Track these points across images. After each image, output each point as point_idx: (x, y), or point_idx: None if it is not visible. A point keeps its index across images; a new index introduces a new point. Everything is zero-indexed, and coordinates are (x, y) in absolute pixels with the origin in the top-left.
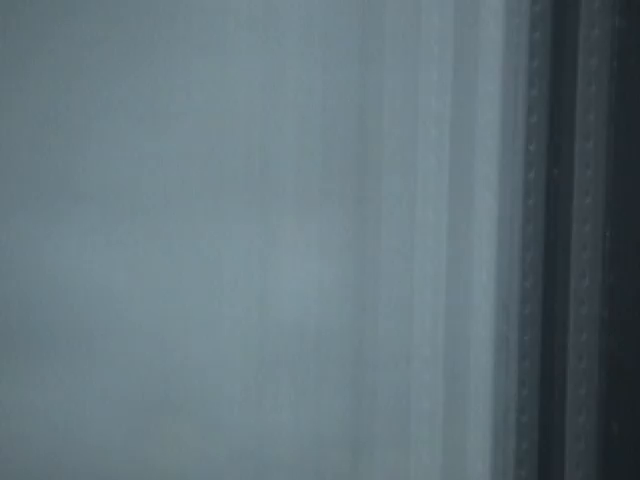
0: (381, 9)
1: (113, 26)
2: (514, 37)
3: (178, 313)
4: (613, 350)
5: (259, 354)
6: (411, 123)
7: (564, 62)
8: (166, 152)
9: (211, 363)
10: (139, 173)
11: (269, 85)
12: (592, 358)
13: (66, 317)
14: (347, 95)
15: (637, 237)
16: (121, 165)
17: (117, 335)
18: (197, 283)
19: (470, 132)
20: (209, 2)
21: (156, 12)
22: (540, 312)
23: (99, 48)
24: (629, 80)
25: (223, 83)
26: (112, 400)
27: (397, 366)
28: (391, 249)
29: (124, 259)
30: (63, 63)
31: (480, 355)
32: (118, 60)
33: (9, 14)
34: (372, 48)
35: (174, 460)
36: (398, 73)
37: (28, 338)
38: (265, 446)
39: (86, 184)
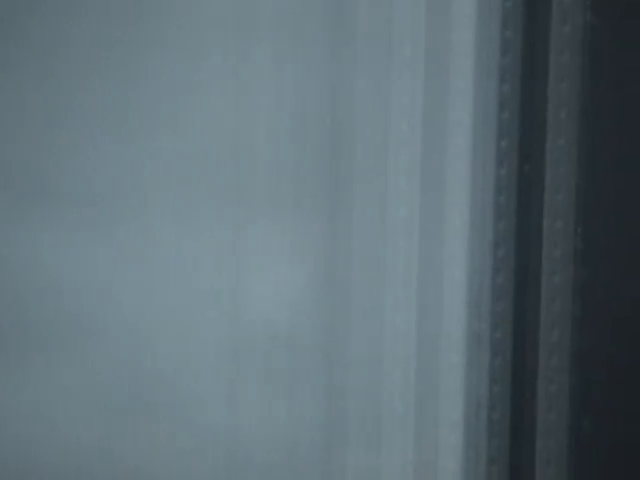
0: (353, 9)
1: (109, 27)
2: (485, 34)
3: (152, 314)
4: (584, 347)
5: (232, 355)
6: (382, 122)
7: (535, 58)
8: (141, 154)
9: (185, 364)
10: (118, 175)
11: (241, 87)
12: (563, 355)
13: (39, 317)
14: (319, 98)
15: (608, 233)
16: (99, 167)
17: (91, 335)
18: (171, 284)
19: (441, 129)
20: (187, 3)
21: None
22: (511, 309)
23: (95, 49)
24: (600, 76)
25: (194, 85)
26: (85, 399)
27: (368, 366)
28: (362, 249)
29: (97, 260)
30: (62, 63)
31: (452, 353)
32: (110, 62)
33: (16, 11)
34: (344, 49)
35: (148, 459)
36: (368, 72)
37: (4, 337)
38: (238, 446)
39: (65, 186)
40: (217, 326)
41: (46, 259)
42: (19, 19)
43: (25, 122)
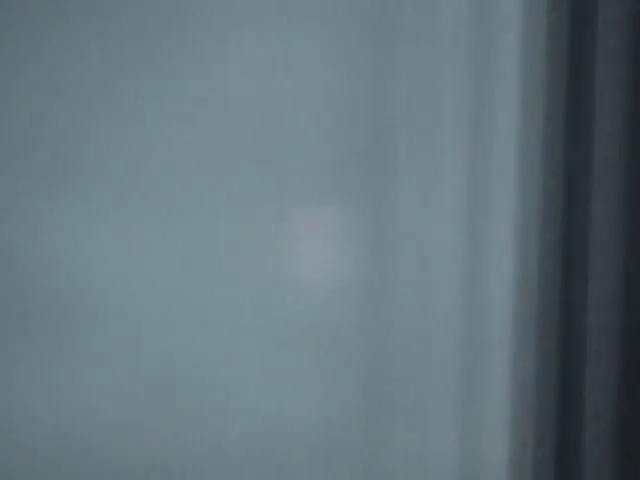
0: (397, 4)
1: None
2: (532, 42)
3: (191, 300)
4: (631, 331)
5: (273, 341)
6: (429, 113)
7: (582, 45)
8: (181, 137)
9: (226, 350)
10: (151, 157)
11: (286, 74)
12: (611, 338)
13: (76, 304)
14: (364, 85)
15: None
16: (133, 149)
17: (127, 321)
18: (209, 269)
19: (489, 112)
20: None
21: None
22: (558, 293)
23: (111, 33)
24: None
25: (239, 72)
26: (121, 386)
27: (415, 351)
28: (408, 236)
29: (136, 244)
30: (73, 50)
31: (498, 337)
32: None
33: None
34: (387, 41)
35: (185, 449)
36: (415, 60)
37: (36, 324)
38: (280, 432)
39: (95, 168)
40: (259, 312)
41: (83, 246)
42: (50, 11)
43: (56, 110)
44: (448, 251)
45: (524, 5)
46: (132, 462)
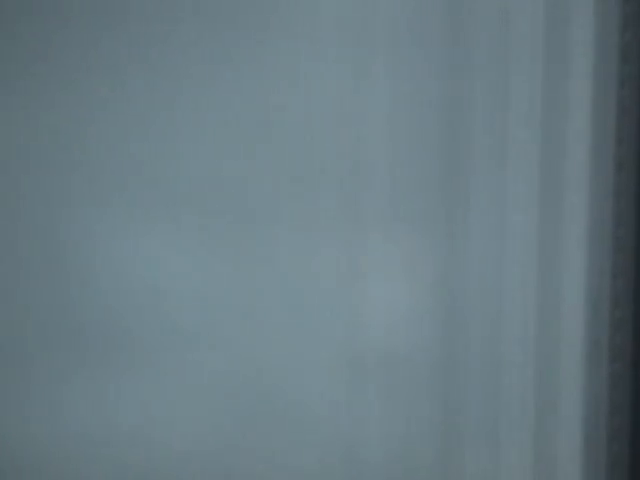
0: (468, 12)
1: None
2: (605, 39)
3: (263, 324)
4: None
5: (348, 369)
6: (500, 129)
7: None
8: (252, 154)
9: (300, 373)
10: (221, 173)
11: (354, 94)
12: None
13: (151, 322)
14: (435, 104)
15: None
16: (195, 163)
17: (198, 345)
18: (284, 295)
19: (560, 134)
20: None
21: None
22: (631, 314)
23: (136, 42)
24: None
25: (306, 93)
26: (199, 410)
27: (488, 373)
28: (479, 258)
29: (210, 266)
30: (99, 56)
31: (571, 358)
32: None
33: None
34: (460, 52)
35: (263, 471)
36: (487, 80)
37: (106, 341)
38: (356, 455)
39: (149, 184)
40: (332, 340)
41: (144, 261)
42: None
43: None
44: (520, 273)
45: (596, 26)
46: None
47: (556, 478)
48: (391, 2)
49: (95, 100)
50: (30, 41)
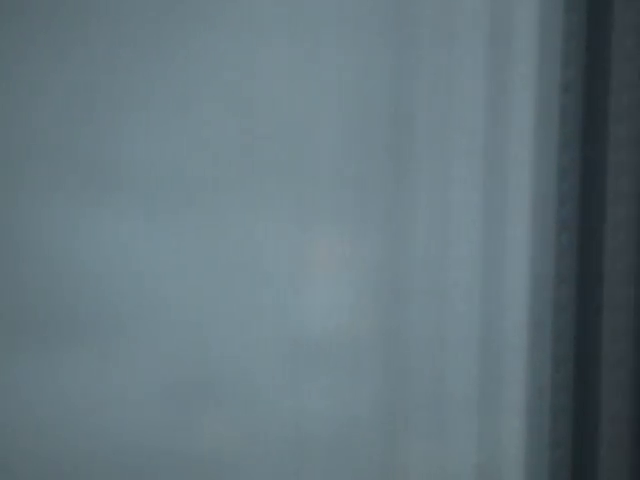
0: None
1: (144, 18)
2: (548, 19)
3: (214, 300)
4: None
5: (294, 343)
6: (445, 111)
7: (598, 45)
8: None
9: (248, 349)
10: (186, 164)
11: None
12: (627, 340)
13: (104, 302)
14: (380, 96)
15: None
16: (164, 155)
17: (152, 321)
18: (231, 273)
19: (504, 119)
20: None
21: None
22: (574, 295)
23: (133, 40)
24: None
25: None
26: (146, 384)
27: (432, 352)
28: (427, 232)
29: (163, 246)
30: (100, 56)
31: (515, 339)
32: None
33: (51, 11)
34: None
35: (209, 443)
36: (433, 82)
37: (63, 322)
38: (302, 427)
39: (126, 173)
40: (280, 325)
41: (111, 248)
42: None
43: (90, 111)
44: (465, 258)
45: (540, 8)
46: (152, 459)
47: (500, 456)
48: None
49: (69, 109)
50: None
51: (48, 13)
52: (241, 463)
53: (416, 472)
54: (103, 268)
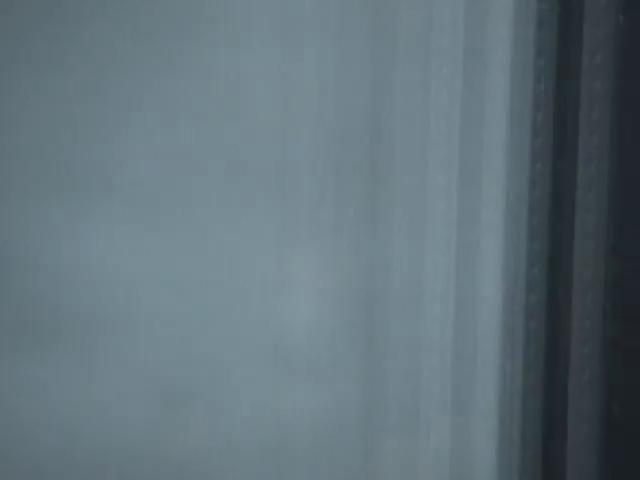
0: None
1: (137, 22)
2: (521, 34)
3: (197, 303)
4: (615, 336)
5: (274, 344)
6: (421, 125)
7: (569, 60)
8: (185, 150)
9: (228, 351)
10: (163, 169)
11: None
12: (595, 344)
13: (89, 306)
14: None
15: (638, 227)
16: (146, 161)
17: (136, 324)
18: (214, 275)
19: (478, 129)
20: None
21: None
22: (545, 301)
23: (123, 44)
24: (632, 78)
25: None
26: (131, 387)
27: (408, 356)
28: (404, 241)
29: (145, 252)
30: (92, 59)
31: (487, 343)
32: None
33: (45, 10)
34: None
35: (192, 445)
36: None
37: (50, 326)
38: (282, 430)
39: (110, 178)
40: (260, 316)
41: (92, 252)
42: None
43: (69, 115)
44: (440, 266)
45: (514, 24)
46: (136, 457)
47: (471, 459)
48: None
49: (56, 110)
50: None
51: (41, 17)
52: (224, 462)
53: (391, 470)
54: (89, 272)
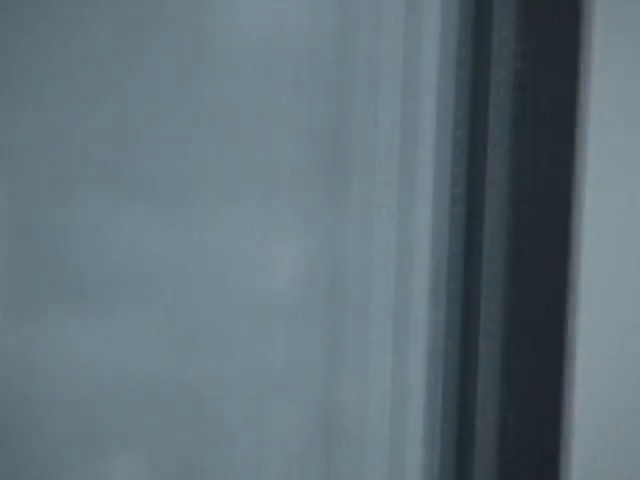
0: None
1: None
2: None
3: (200, 275)
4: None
5: (259, 307)
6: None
7: (479, 84)
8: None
9: (224, 310)
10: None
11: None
12: (497, 338)
13: (119, 275)
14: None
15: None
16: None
17: (154, 290)
18: (213, 259)
19: (414, 136)
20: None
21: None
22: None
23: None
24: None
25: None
26: (148, 336)
27: (359, 310)
28: (358, 228)
29: (163, 238)
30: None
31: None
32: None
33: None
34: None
35: (197, 377)
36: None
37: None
38: (264, 368)
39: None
40: (244, 291)
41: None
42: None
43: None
44: (383, 247)
45: (440, 43)
46: (151, 386)
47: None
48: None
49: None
50: None
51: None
52: (216, 393)
53: (350, 401)
54: (122, 251)
